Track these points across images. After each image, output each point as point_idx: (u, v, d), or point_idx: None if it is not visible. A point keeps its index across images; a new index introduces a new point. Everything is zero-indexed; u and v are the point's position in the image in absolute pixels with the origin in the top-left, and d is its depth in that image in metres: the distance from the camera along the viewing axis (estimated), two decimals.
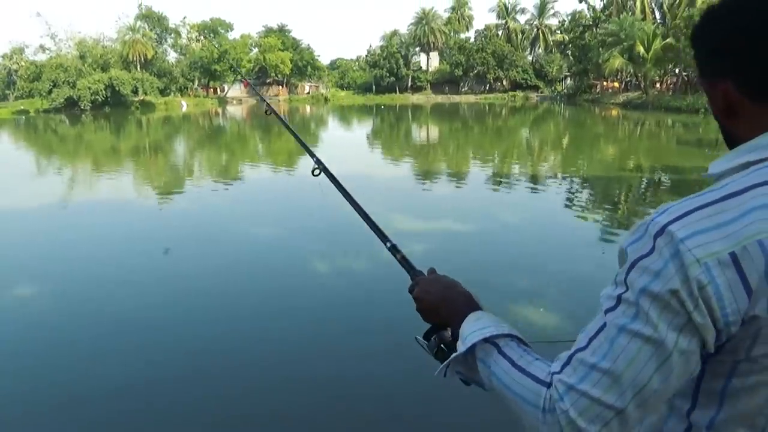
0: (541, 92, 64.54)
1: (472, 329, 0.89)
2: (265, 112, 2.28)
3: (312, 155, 1.76)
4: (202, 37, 68.55)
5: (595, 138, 24.64)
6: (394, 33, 73.31)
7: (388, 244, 1.31)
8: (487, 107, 52.10)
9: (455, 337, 0.95)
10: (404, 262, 1.23)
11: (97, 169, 17.32)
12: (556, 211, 9.63)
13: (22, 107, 54.09)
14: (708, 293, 0.69)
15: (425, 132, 30.16)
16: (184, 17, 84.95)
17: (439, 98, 68.08)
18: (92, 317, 5.15)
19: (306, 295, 5.64)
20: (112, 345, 4.56)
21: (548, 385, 0.76)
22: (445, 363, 0.94)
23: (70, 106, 51.51)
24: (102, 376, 4.05)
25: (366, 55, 75.41)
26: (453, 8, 73.58)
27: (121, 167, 17.74)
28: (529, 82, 65.37)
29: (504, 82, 67.43)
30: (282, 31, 71.49)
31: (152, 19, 64.16)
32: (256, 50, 68.91)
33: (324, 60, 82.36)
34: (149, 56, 59.44)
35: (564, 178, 13.18)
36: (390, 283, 3.65)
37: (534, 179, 13.09)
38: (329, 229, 8.18)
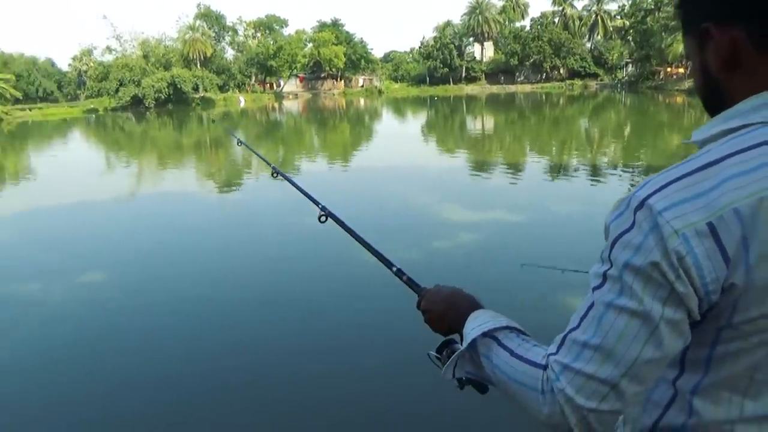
0: (601, 80, 62.40)
1: (472, 326, 0.91)
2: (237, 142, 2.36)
3: (317, 204, 1.80)
4: (258, 34, 70.02)
5: (658, 127, 23.60)
6: (447, 24, 72.54)
7: (394, 269, 1.32)
8: (543, 96, 50.85)
9: None
10: (410, 282, 1.26)
11: (161, 164, 18.01)
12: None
13: (91, 106, 56.88)
14: (687, 263, 0.70)
15: (480, 123, 29.74)
16: (240, 16, 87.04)
17: (494, 88, 66.98)
18: (151, 299, 5.38)
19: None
20: (165, 330, 4.75)
21: (545, 368, 0.79)
22: (449, 362, 0.96)
23: (136, 104, 53.73)
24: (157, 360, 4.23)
25: (419, 47, 75.00)
26: None
27: (183, 162, 18.38)
28: (587, 69, 63.34)
29: (561, 71, 65.61)
30: (335, 25, 72.07)
31: (210, 18, 66.00)
32: (310, 45, 69.79)
33: (377, 53, 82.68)
34: (208, 54, 61.19)
35: (626, 170, 12.70)
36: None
37: (594, 171, 12.69)
38: (389, 221, 8.20)
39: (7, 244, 8.28)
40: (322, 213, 1.73)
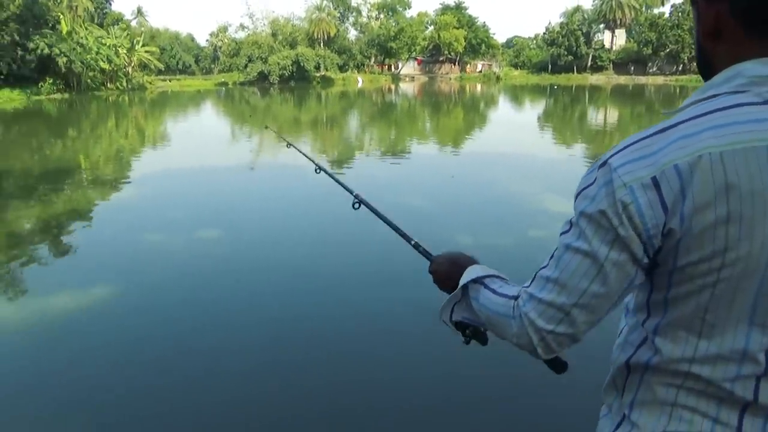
0: None
1: (466, 277, 1.08)
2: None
3: (351, 192, 1.98)
4: (381, 15, 70.85)
5: None
6: (577, 9, 69.00)
7: (412, 242, 1.51)
8: (678, 90, 46.95)
9: None
10: (425, 252, 1.41)
11: (278, 138, 18.93)
12: None
13: (222, 79, 60.87)
14: (631, 211, 0.81)
15: (602, 115, 28.14)
16: None
17: (622, 79, 62.97)
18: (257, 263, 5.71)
19: None
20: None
21: (517, 298, 0.95)
22: (445, 302, 1.13)
23: (262, 79, 56.71)
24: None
25: (543, 33, 72.10)
26: None
27: (299, 136, 19.17)
28: None
29: None
30: (458, 8, 71.17)
31: None
32: (431, 28, 69.54)
33: (500, 38, 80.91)
34: (332, 34, 63.00)
35: None
36: None
37: None
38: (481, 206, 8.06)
39: (141, 199, 9.16)
40: (356, 200, 1.90)
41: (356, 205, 1.90)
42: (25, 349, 4.08)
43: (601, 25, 68.63)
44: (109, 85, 45.49)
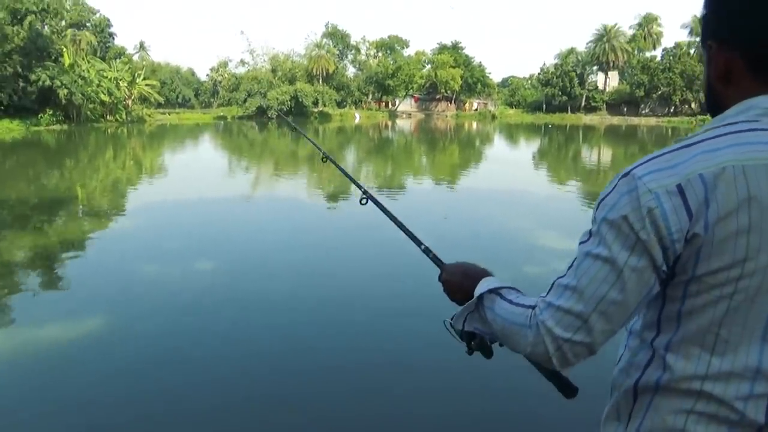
0: None
1: (482, 287, 1.08)
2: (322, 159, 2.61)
3: (360, 187, 2.04)
4: (379, 54, 72.24)
5: None
6: (571, 51, 70.47)
7: (422, 247, 1.49)
8: (669, 131, 47.69)
9: None
10: (435, 259, 1.40)
11: (275, 172, 19.04)
12: None
13: (221, 113, 61.47)
14: (656, 215, 0.83)
15: (596, 155, 28.49)
16: (364, 35, 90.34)
17: (615, 120, 63.94)
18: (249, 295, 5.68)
19: None
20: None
21: (534, 307, 0.95)
22: (458, 312, 1.12)
23: (260, 114, 57.32)
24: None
25: (538, 73, 73.50)
26: (639, 25, 68.88)
27: (296, 171, 19.30)
28: None
29: (692, 105, 61.33)
30: (455, 48, 72.66)
31: (336, 37, 69.16)
32: (428, 66, 70.84)
33: (495, 77, 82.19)
34: (330, 71, 64.01)
35: None
36: None
37: None
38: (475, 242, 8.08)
39: (137, 229, 9.14)
40: (364, 196, 1.94)
41: (363, 201, 1.99)
42: (14, 380, 4.02)
43: (595, 67, 70.02)
44: (108, 117, 45.85)
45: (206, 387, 3.92)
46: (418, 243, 1.52)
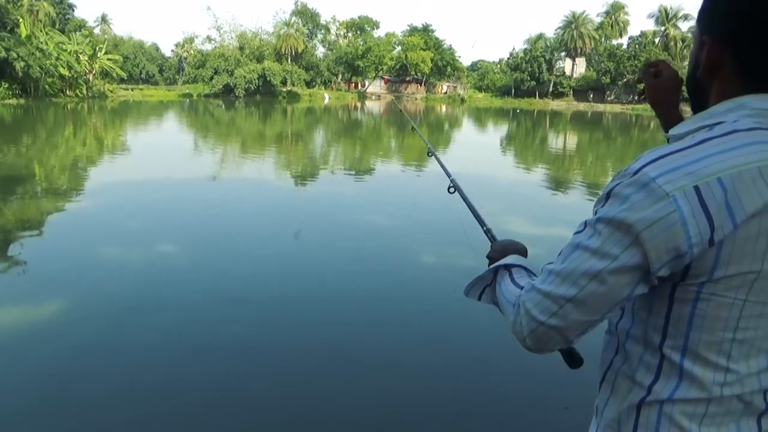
0: None
1: (499, 262, 1.16)
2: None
3: (448, 175, 2.16)
4: (349, 34, 71.45)
5: None
6: (540, 36, 71.08)
7: (485, 228, 1.64)
8: (633, 118, 48.75)
9: None
10: (492, 238, 1.55)
11: (242, 151, 18.78)
12: None
13: (187, 91, 60.09)
14: (672, 220, 0.81)
15: (562, 140, 28.93)
16: (334, 15, 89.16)
17: (581, 106, 64.95)
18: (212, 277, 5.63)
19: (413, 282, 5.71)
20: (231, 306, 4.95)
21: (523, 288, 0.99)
22: (472, 281, 1.21)
23: (227, 92, 56.24)
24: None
25: (507, 58, 73.91)
26: (607, 13, 69.74)
27: (263, 151, 19.06)
28: (684, 94, 59.21)
29: None
30: (426, 30, 72.32)
31: (306, 15, 68.06)
32: (398, 48, 70.44)
33: (465, 61, 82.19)
34: (300, 50, 63.09)
35: None
36: None
37: None
38: (438, 223, 8.17)
39: (98, 209, 8.92)
40: (451, 185, 2.09)
41: (451, 189, 2.09)
42: None
43: (563, 53, 70.85)
44: (68, 92, 44.34)
45: (167, 370, 3.88)
46: (482, 223, 1.68)
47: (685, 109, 1.20)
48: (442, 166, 2.32)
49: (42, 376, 3.72)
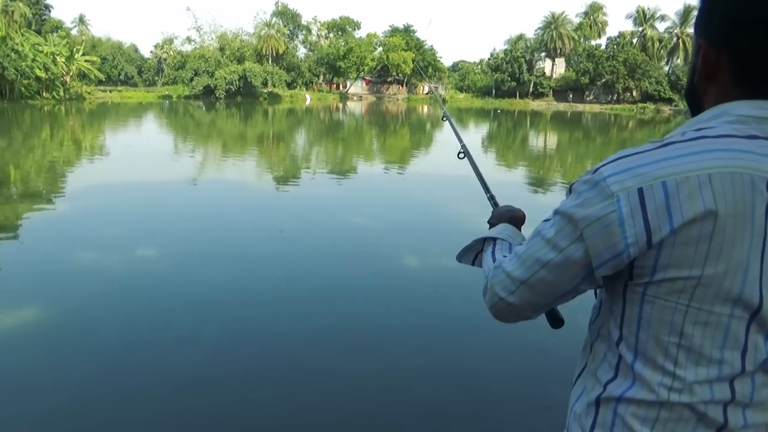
0: (675, 105, 59.97)
1: (488, 233, 1.27)
2: (441, 118, 2.72)
3: (460, 140, 2.21)
4: (330, 35, 71.28)
5: None
6: (520, 37, 71.65)
7: (488, 195, 1.73)
8: (612, 118, 49.35)
9: None
10: (493, 202, 1.63)
11: (223, 153, 18.63)
12: None
13: (166, 92, 59.42)
14: (611, 219, 0.85)
15: (543, 140, 29.19)
16: (315, 16, 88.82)
17: (561, 106, 65.56)
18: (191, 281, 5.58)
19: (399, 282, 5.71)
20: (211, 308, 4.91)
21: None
22: (464, 248, 1.31)
23: (207, 93, 55.72)
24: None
25: (488, 59, 74.34)
26: (586, 13, 70.54)
27: (244, 153, 18.93)
28: (662, 94, 61.08)
29: (634, 93, 63.56)
30: (407, 31, 72.43)
31: (286, 16, 67.72)
32: (380, 49, 70.45)
33: (446, 62, 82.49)
34: (281, 51, 62.74)
35: None
36: None
37: None
38: (420, 225, 8.19)
39: (75, 213, 8.78)
40: (461, 150, 2.15)
41: (461, 155, 2.15)
42: None
43: (543, 54, 71.45)
44: (45, 94, 43.55)
45: (146, 375, 3.84)
46: (487, 189, 1.80)
47: None
48: (455, 131, 2.36)
49: (8, 386, 3.66)
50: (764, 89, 0.89)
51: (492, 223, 1.35)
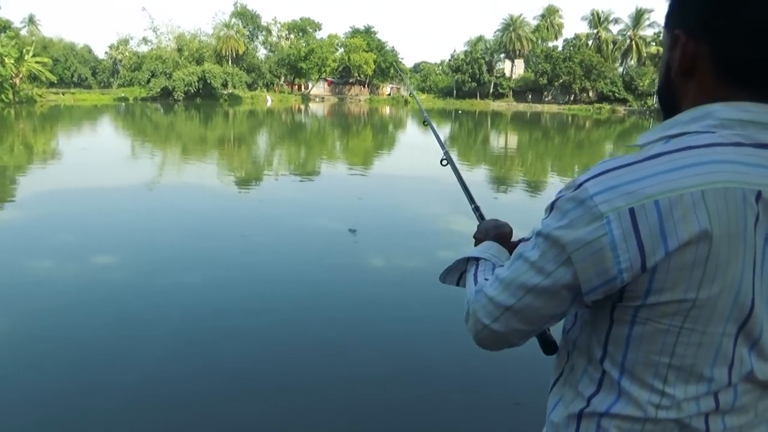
0: (630, 106, 61.83)
1: (471, 251, 1.18)
2: (423, 122, 2.63)
3: (442, 147, 2.12)
4: (291, 36, 70.77)
5: None
6: (480, 39, 72.63)
7: (473, 206, 1.66)
8: (570, 118, 50.50)
9: None
10: (480, 217, 1.56)
11: (183, 157, 18.28)
12: None
13: (122, 94, 57.91)
14: (603, 242, 0.78)
15: (503, 140, 29.65)
16: (275, 17, 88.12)
17: (521, 106, 66.75)
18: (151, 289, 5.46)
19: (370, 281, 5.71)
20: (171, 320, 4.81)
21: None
22: (447, 268, 1.23)
23: (165, 95, 54.58)
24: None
25: (449, 60, 75.10)
26: (543, 16, 72.02)
27: (204, 156, 18.62)
28: (617, 94, 62.85)
29: (590, 94, 65.20)
30: (368, 32, 72.52)
31: (246, 17, 66.90)
32: (341, 50, 70.33)
33: (407, 63, 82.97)
34: (240, 52, 61.96)
35: None
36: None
37: None
38: (391, 227, 8.22)
39: (25, 220, 8.46)
40: (444, 158, 2.07)
41: (444, 162, 2.06)
42: None
43: (502, 55, 72.60)
44: None
45: (101, 391, 3.73)
46: (471, 201, 1.70)
47: None
48: (438, 138, 2.32)
49: None
50: (750, 83, 0.82)
51: (478, 239, 1.28)
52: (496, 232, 1.25)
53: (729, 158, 0.79)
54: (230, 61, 61.45)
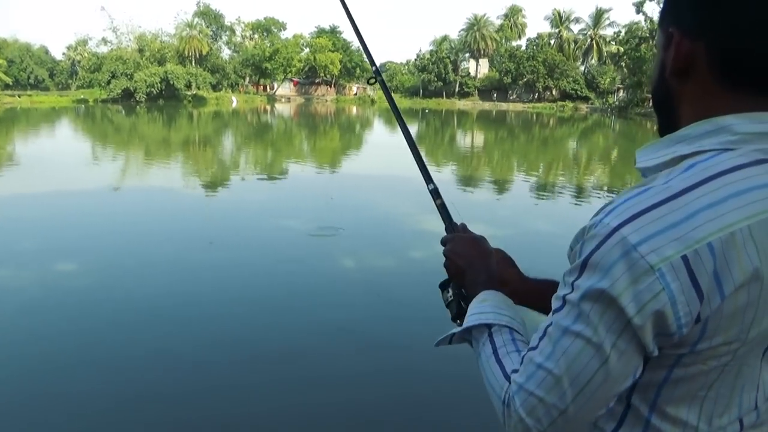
0: (592, 104, 63.18)
1: (475, 311, 0.95)
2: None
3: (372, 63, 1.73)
4: (255, 36, 70.05)
5: None
6: (445, 38, 73.18)
7: (431, 186, 1.31)
8: (534, 116, 51.32)
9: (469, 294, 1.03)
10: (443, 210, 1.24)
11: (146, 159, 17.89)
12: None
13: (82, 96, 56.47)
14: (661, 299, 0.68)
15: (470, 138, 29.92)
16: (239, 16, 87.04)
17: (486, 105, 67.53)
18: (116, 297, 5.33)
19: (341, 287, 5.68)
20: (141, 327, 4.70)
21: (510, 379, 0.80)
22: (443, 337, 0.99)
23: (127, 97, 53.41)
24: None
25: (415, 59, 75.47)
26: (506, 15, 73.01)
27: (168, 158, 18.26)
28: (579, 92, 64.13)
29: (553, 92, 66.37)
30: (333, 32, 72.28)
31: (209, 17, 65.98)
32: (307, 50, 69.93)
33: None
34: (204, 52, 61.07)
35: (610, 193, 12.85)
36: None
37: (579, 192, 12.81)
38: (361, 229, 8.20)
39: None
40: (372, 76, 1.72)
41: (372, 81, 1.71)
42: None
43: (467, 54, 73.36)
44: None
45: (65, 403, 3.62)
46: (436, 197, 1.34)
47: None
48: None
49: None
50: (750, 84, 0.74)
51: (452, 260, 1.07)
52: (487, 273, 1.04)
53: (763, 182, 0.71)
54: (193, 62, 60.48)
